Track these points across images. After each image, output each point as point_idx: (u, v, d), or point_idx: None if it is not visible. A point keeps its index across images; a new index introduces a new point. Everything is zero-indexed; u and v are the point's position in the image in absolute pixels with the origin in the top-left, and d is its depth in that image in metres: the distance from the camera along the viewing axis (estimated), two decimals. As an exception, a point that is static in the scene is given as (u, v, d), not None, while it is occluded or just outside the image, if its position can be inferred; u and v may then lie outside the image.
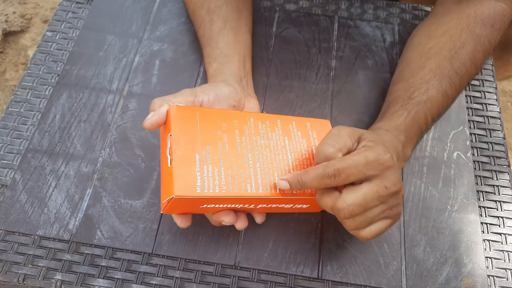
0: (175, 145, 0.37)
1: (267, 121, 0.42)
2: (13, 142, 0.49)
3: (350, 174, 0.34)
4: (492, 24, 0.50)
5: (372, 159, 0.35)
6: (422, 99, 0.47)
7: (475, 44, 0.49)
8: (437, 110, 0.48)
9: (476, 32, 0.49)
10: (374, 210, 0.36)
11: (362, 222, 0.36)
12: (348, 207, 0.34)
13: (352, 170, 0.34)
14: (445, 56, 0.49)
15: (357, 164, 0.34)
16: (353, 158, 0.35)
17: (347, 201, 0.34)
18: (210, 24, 0.51)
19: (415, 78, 0.48)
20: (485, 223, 0.47)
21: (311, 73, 0.56)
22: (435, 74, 0.48)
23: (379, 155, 0.35)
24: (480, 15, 0.50)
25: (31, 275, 0.41)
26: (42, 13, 1.36)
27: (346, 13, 0.62)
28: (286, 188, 0.37)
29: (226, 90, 0.44)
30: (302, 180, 0.36)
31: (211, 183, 0.36)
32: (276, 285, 0.42)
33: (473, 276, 0.43)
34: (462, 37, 0.49)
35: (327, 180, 0.34)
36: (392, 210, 0.37)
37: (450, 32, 0.50)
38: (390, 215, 0.37)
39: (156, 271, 0.42)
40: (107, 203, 0.45)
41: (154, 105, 0.40)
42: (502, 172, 0.50)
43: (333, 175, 0.34)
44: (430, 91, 0.47)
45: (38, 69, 0.54)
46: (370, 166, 0.34)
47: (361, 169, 0.34)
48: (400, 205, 0.38)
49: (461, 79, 0.49)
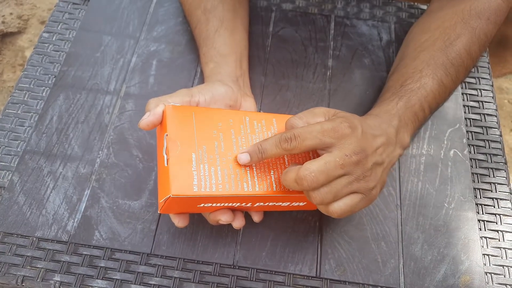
0: (171, 145, 0.37)
1: (262, 120, 0.42)
2: (11, 144, 0.49)
3: (305, 138, 0.36)
4: (487, 17, 0.50)
5: (328, 127, 0.36)
6: (415, 86, 0.47)
7: (470, 36, 0.49)
8: (433, 98, 0.48)
9: (471, 24, 0.49)
10: (340, 181, 0.36)
11: (327, 194, 0.35)
12: (310, 174, 0.35)
13: (307, 134, 0.36)
14: (439, 47, 0.49)
15: (312, 130, 0.36)
16: (310, 125, 0.37)
17: (309, 168, 0.35)
18: (206, 24, 0.51)
19: (408, 68, 0.49)
20: (482, 220, 0.47)
21: (308, 72, 0.56)
22: (429, 64, 0.48)
23: (335, 124, 0.36)
24: (475, 9, 0.50)
25: (30, 276, 0.41)
26: (39, 14, 1.35)
27: (343, 12, 0.62)
28: (247, 160, 0.37)
29: (222, 90, 0.44)
30: (262, 147, 0.37)
31: (208, 182, 0.36)
32: (275, 284, 0.42)
33: (470, 273, 0.44)
34: (457, 29, 0.49)
35: (284, 144, 0.36)
36: (360, 183, 0.36)
37: (444, 25, 0.50)
38: (359, 189, 0.37)
39: (155, 271, 0.42)
40: (105, 204, 0.45)
41: (150, 105, 0.41)
42: (498, 170, 0.50)
43: (289, 139, 0.36)
44: (424, 79, 0.47)
45: (35, 71, 0.54)
46: (326, 133, 0.36)
47: (316, 135, 0.36)
48: (369, 180, 0.37)
49: (457, 69, 0.49)
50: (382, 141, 0.40)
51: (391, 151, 0.42)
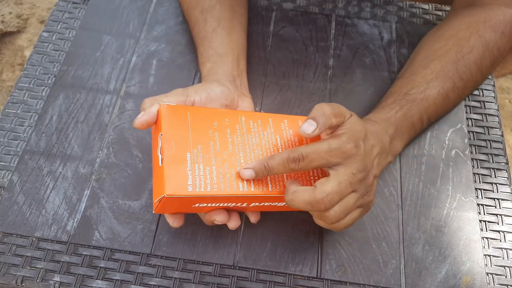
0: (166, 145, 0.37)
1: (258, 120, 0.42)
2: (10, 144, 0.49)
3: (313, 159, 0.36)
4: (502, 31, 0.49)
5: (335, 147, 0.36)
6: (419, 97, 0.46)
7: (483, 50, 0.49)
8: (435, 111, 0.48)
9: (485, 38, 0.49)
10: (349, 199, 0.37)
11: (341, 213, 0.36)
12: (327, 196, 0.35)
13: (315, 155, 0.36)
14: (451, 59, 0.48)
15: (320, 150, 0.36)
16: (317, 144, 0.36)
17: (326, 190, 0.35)
18: (204, 23, 0.51)
19: (416, 76, 0.48)
20: (483, 220, 0.47)
21: (309, 71, 0.56)
22: (438, 75, 0.48)
23: (342, 144, 0.36)
24: (490, 21, 0.50)
25: (29, 277, 0.41)
26: (39, 13, 1.35)
27: (343, 11, 0.62)
28: (251, 177, 0.37)
29: (218, 90, 0.44)
30: (269, 165, 0.36)
31: (203, 182, 0.36)
32: (275, 285, 0.42)
33: (472, 274, 0.43)
34: (471, 42, 0.49)
35: (292, 164, 0.36)
36: (363, 198, 0.38)
37: (458, 35, 0.50)
38: (362, 204, 0.38)
39: (155, 271, 0.42)
40: (105, 204, 0.45)
41: (145, 104, 0.41)
42: (500, 170, 0.50)
43: (297, 159, 0.36)
44: (429, 91, 0.47)
45: (34, 70, 0.54)
46: (333, 153, 0.36)
47: (323, 155, 0.36)
48: (370, 193, 0.39)
49: (465, 84, 0.49)
50: (378, 150, 0.40)
51: (384, 158, 0.43)
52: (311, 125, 0.36)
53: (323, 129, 0.36)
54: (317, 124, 0.36)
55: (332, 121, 0.36)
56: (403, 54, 0.58)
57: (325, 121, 0.36)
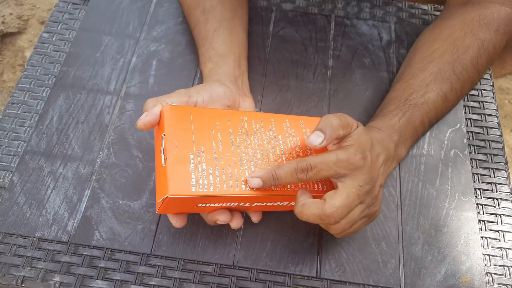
0: (169, 145, 0.37)
1: (261, 120, 0.42)
2: (11, 144, 0.49)
3: (321, 169, 0.36)
4: (496, 29, 0.50)
5: (343, 158, 0.36)
6: (419, 102, 0.47)
7: (478, 49, 0.49)
8: (435, 114, 0.48)
9: (479, 36, 0.49)
10: (356, 210, 0.37)
11: (347, 225, 0.37)
12: (337, 210, 0.35)
13: (323, 166, 0.36)
14: (447, 60, 0.49)
15: (328, 161, 0.36)
16: (325, 155, 0.37)
17: (336, 204, 0.35)
18: (205, 24, 0.51)
19: (415, 80, 0.49)
20: (482, 220, 0.47)
21: (308, 72, 0.56)
22: (436, 78, 0.48)
23: (349, 155, 0.36)
24: (484, 19, 0.50)
25: (30, 277, 0.41)
26: (39, 14, 1.35)
27: (343, 12, 0.62)
28: (259, 186, 0.37)
29: (220, 90, 0.44)
30: (277, 174, 0.36)
31: (206, 182, 0.36)
32: (275, 285, 0.42)
33: (471, 274, 0.43)
34: (466, 41, 0.49)
35: (300, 174, 0.36)
36: (369, 209, 0.38)
37: (453, 35, 0.50)
38: (368, 214, 0.39)
39: (155, 271, 0.42)
40: (105, 204, 0.45)
41: (148, 105, 0.41)
42: (499, 170, 0.50)
43: (306, 169, 0.36)
44: (428, 94, 0.47)
45: (35, 71, 0.54)
46: (341, 164, 0.36)
47: (331, 166, 0.36)
48: (376, 204, 0.39)
49: (462, 84, 0.49)
50: (384, 158, 0.41)
51: (389, 165, 0.43)
52: (318, 136, 0.36)
53: (330, 140, 0.36)
54: (324, 136, 0.36)
55: (339, 132, 0.37)
56: (402, 55, 0.58)
57: (332, 132, 0.36)
